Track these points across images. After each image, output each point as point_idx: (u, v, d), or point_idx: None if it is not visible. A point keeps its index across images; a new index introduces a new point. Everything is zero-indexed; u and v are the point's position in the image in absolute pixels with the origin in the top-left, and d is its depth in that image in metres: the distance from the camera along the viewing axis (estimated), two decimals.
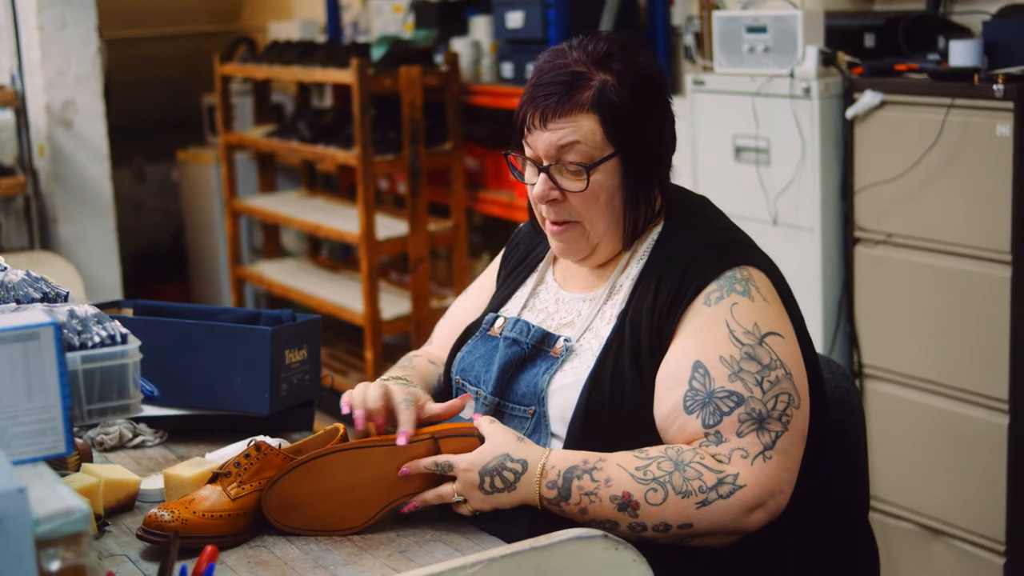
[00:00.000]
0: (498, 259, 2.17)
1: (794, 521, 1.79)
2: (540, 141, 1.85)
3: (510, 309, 2.02)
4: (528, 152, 1.89)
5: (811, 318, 3.37)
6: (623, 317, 1.86)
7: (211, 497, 1.77)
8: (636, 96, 1.84)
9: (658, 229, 1.93)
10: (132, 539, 1.78)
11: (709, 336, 1.78)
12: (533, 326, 1.93)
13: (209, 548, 1.62)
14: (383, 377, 2.03)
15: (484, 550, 1.60)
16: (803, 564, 1.85)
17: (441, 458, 1.79)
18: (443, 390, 2.08)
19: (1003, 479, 3.02)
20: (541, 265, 2.05)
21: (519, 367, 1.91)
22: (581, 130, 1.83)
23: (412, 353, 2.17)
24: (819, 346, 3.35)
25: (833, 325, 3.40)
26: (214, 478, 1.81)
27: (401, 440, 1.79)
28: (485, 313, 2.05)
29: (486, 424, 1.81)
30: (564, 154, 1.84)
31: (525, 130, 1.88)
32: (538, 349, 1.91)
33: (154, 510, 1.74)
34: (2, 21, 4.90)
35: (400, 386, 1.91)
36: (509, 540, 1.67)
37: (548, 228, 1.93)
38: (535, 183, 1.89)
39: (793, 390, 1.77)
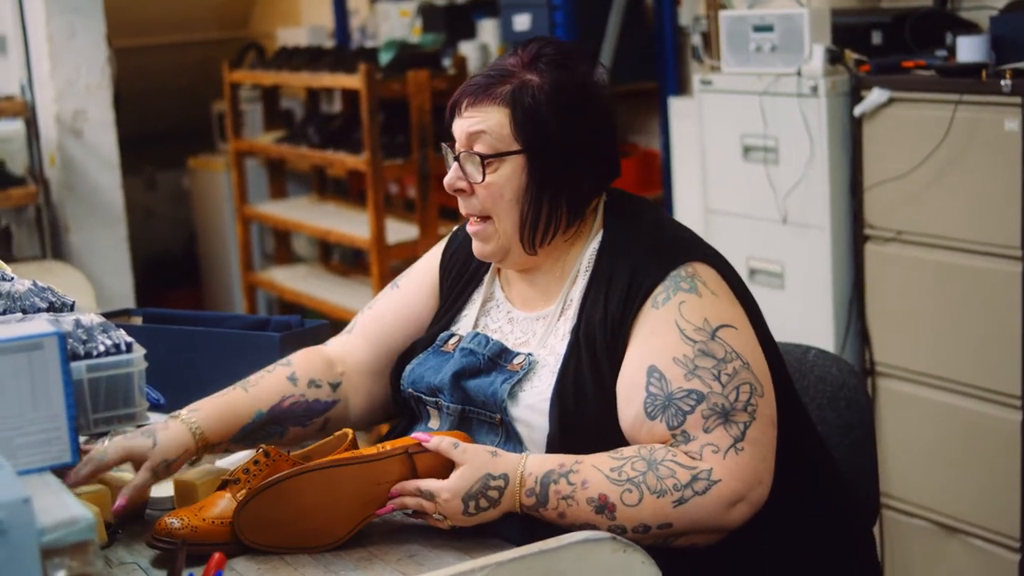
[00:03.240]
0: (435, 258, 2.10)
1: (781, 518, 1.77)
2: (456, 128, 1.91)
3: (462, 327, 1.99)
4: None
5: (822, 316, 3.37)
6: (576, 332, 1.84)
7: (221, 504, 1.77)
8: (556, 100, 1.84)
9: (598, 238, 1.90)
10: (143, 546, 1.78)
11: (660, 339, 1.76)
12: (491, 339, 1.90)
13: (217, 555, 1.62)
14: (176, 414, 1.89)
15: (493, 554, 1.59)
16: (798, 565, 1.84)
17: (423, 485, 1.74)
18: (393, 401, 2.03)
19: (1017, 475, 3.01)
20: (487, 278, 2.01)
21: (472, 375, 1.88)
22: (489, 121, 1.86)
23: (282, 361, 2.01)
24: (831, 344, 3.34)
25: (844, 323, 3.39)
26: (224, 485, 1.81)
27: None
28: (434, 331, 2.00)
29: (453, 449, 1.75)
30: (473, 143, 1.87)
31: (451, 119, 1.93)
32: (494, 362, 1.88)
33: (164, 517, 1.74)
34: (12, 32, 4.91)
35: (120, 439, 1.78)
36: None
37: (467, 226, 1.94)
38: None
39: (754, 379, 1.75)
